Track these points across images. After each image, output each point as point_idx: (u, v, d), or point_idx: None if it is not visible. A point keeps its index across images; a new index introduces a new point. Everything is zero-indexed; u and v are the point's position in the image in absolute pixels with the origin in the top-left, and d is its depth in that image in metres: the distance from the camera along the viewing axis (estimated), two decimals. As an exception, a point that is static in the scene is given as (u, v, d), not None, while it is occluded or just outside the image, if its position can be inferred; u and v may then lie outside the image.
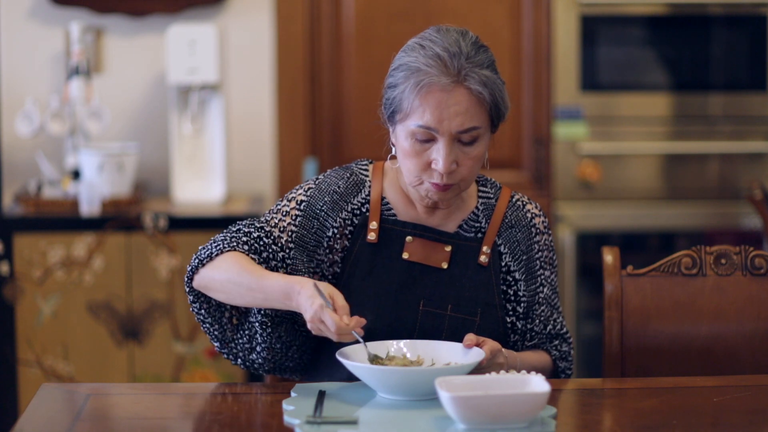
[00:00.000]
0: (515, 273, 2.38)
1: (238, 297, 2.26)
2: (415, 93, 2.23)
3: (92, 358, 3.98)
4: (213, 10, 4.47)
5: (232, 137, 4.48)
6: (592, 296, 4.52)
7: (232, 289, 2.26)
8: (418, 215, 2.38)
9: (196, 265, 2.30)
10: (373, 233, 2.35)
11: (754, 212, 4.30)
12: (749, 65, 4.61)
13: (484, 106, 2.25)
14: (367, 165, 2.43)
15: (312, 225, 2.35)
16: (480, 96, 2.24)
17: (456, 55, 2.22)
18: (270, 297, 2.22)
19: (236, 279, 2.25)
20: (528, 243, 2.40)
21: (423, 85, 2.22)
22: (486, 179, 2.46)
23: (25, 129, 4.19)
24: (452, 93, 2.22)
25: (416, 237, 2.36)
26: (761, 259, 2.55)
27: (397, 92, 2.26)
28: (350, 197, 2.37)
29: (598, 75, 4.54)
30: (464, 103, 2.23)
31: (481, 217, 2.39)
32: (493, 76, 2.25)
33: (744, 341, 2.53)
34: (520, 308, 2.38)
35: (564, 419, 2.07)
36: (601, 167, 4.54)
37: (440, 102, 2.22)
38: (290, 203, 2.37)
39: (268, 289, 2.22)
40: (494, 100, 2.26)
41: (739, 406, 2.17)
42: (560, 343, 2.43)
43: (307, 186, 2.39)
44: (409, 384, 2.11)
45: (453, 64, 2.22)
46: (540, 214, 2.44)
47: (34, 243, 3.96)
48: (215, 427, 2.09)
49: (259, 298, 2.24)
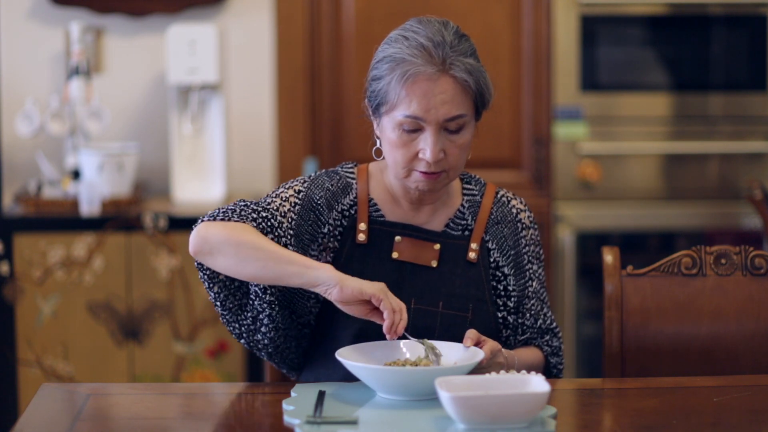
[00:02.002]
0: (504, 268, 2.40)
1: (251, 266, 2.21)
2: (401, 84, 2.24)
3: (92, 358, 3.98)
4: (213, 10, 4.47)
5: (232, 137, 4.48)
6: (592, 296, 4.52)
7: (248, 255, 2.21)
8: (405, 215, 2.39)
9: (207, 219, 2.27)
10: (362, 234, 2.36)
11: (754, 212, 4.30)
12: (749, 65, 4.61)
13: (469, 94, 2.27)
14: (352, 167, 2.44)
15: (309, 216, 2.35)
16: (465, 84, 2.26)
17: (440, 44, 2.24)
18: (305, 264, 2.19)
19: (259, 244, 2.21)
20: (515, 238, 2.42)
21: (409, 75, 2.24)
22: (470, 176, 2.47)
23: (25, 129, 4.19)
24: (438, 82, 2.24)
25: (405, 236, 2.37)
26: (761, 259, 2.55)
27: (382, 84, 2.27)
28: (340, 198, 2.38)
29: (598, 75, 4.54)
30: (450, 92, 2.25)
31: (467, 215, 2.41)
32: (476, 64, 2.28)
33: (744, 341, 2.53)
34: (510, 303, 2.40)
35: (564, 419, 2.07)
36: (601, 167, 4.54)
37: (426, 91, 2.24)
38: (289, 191, 2.36)
39: (292, 257, 2.19)
40: (479, 87, 2.28)
41: (739, 406, 2.17)
42: (551, 339, 2.45)
43: (303, 180, 2.40)
44: (409, 384, 2.11)
45: (437, 54, 2.24)
46: (525, 209, 2.45)
47: (34, 243, 3.96)
48: (215, 427, 2.09)
49: (273, 270, 2.19)
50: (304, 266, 2.20)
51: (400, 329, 2.17)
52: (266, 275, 2.23)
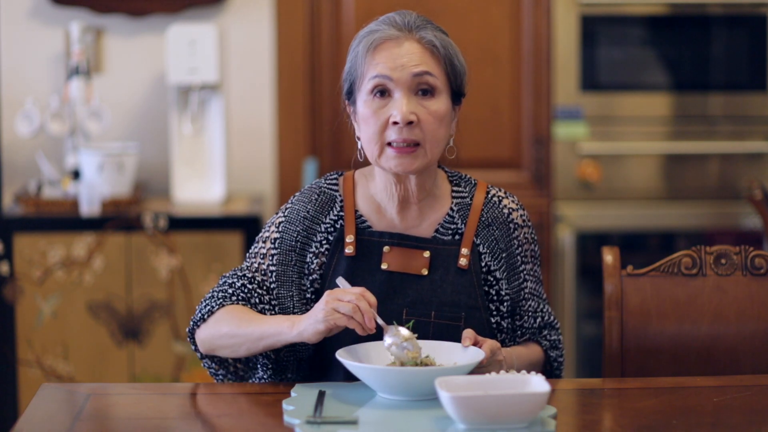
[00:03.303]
0: (496, 272, 2.36)
1: (242, 349, 2.28)
2: (368, 50, 2.29)
3: (92, 358, 3.98)
4: (213, 10, 4.47)
5: (232, 137, 4.48)
6: (592, 296, 4.52)
7: (233, 342, 2.28)
8: (392, 223, 2.36)
9: (192, 327, 2.34)
10: (350, 246, 2.34)
11: (754, 212, 4.30)
12: (749, 65, 4.61)
13: (438, 59, 2.29)
14: (336, 178, 2.42)
15: (290, 258, 2.35)
16: (432, 47, 2.28)
17: (406, 15, 2.31)
18: (275, 333, 2.22)
19: (235, 332, 2.27)
20: (507, 240, 2.38)
21: (374, 41, 2.29)
22: (460, 177, 2.43)
23: (25, 129, 4.19)
24: (403, 44, 2.28)
25: (393, 246, 2.34)
26: (761, 259, 2.55)
27: (350, 60, 2.33)
28: (322, 217, 2.37)
29: (598, 75, 4.54)
30: (417, 53, 2.27)
31: (456, 218, 2.37)
32: (445, 37, 2.31)
33: (744, 341, 2.53)
34: (503, 307, 2.36)
35: (564, 419, 2.07)
36: (601, 167, 4.54)
37: (392, 53, 2.27)
38: (265, 244, 2.38)
39: (273, 325, 2.23)
40: (447, 54, 2.29)
41: (739, 406, 2.17)
42: (549, 332, 2.43)
43: (278, 220, 2.39)
44: (409, 384, 2.10)
45: (404, 21, 2.29)
46: (518, 208, 2.41)
47: (34, 243, 3.96)
48: (215, 427, 2.09)
49: (261, 345, 2.25)
50: (276, 335, 2.23)
51: (370, 325, 2.15)
52: (256, 350, 2.28)
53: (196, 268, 3.98)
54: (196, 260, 3.98)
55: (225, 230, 4.01)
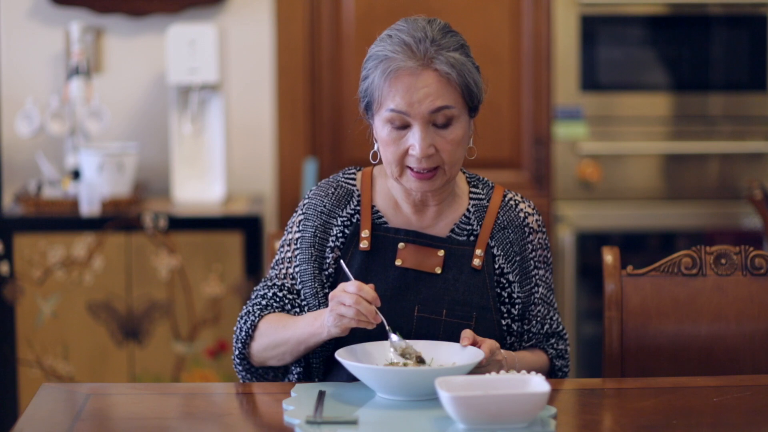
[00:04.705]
0: (509, 275, 2.37)
1: (287, 356, 2.31)
2: (384, 80, 2.25)
3: (92, 358, 3.98)
4: (213, 10, 4.47)
5: (232, 137, 4.48)
6: (592, 296, 4.52)
7: (278, 352, 2.32)
8: (408, 220, 2.37)
9: (241, 347, 2.36)
10: (365, 241, 2.35)
11: (754, 212, 4.29)
12: (749, 65, 4.61)
13: (454, 87, 2.26)
14: (354, 173, 2.43)
15: (310, 254, 2.37)
16: (448, 77, 2.25)
17: (422, 40, 2.25)
18: (310, 336, 2.26)
19: (276, 342, 2.31)
20: (521, 243, 2.39)
21: (390, 71, 2.25)
22: (478, 179, 2.44)
23: (25, 129, 4.19)
24: (420, 76, 2.24)
25: (408, 243, 2.35)
26: (761, 259, 2.55)
27: (368, 82, 2.29)
28: (339, 211, 2.38)
29: (598, 75, 4.54)
30: (433, 85, 2.25)
31: (472, 219, 2.38)
32: (462, 58, 2.26)
33: (744, 341, 2.53)
34: (515, 310, 2.37)
35: (564, 419, 2.07)
36: (601, 167, 4.54)
37: (409, 86, 2.24)
38: (289, 247, 2.40)
39: (306, 329, 2.26)
40: (464, 81, 2.26)
41: (739, 406, 2.17)
42: (557, 341, 2.43)
43: (298, 219, 2.41)
44: (409, 384, 2.10)
45: (419, 49, 2.24)
46: (533, 213, 2.42)
47: (34, 243, 3.96)
48: (215, 427, 2.09)
49: (302, 349, 2.28)
50: (312, 337, 2.26)
51: (375, 321, 2.17)
52: (299, 354, 2.31)
53: (196, 268, 3.98)
54: (196, 260, 3.98)
55: (225, 230, 4.01)
